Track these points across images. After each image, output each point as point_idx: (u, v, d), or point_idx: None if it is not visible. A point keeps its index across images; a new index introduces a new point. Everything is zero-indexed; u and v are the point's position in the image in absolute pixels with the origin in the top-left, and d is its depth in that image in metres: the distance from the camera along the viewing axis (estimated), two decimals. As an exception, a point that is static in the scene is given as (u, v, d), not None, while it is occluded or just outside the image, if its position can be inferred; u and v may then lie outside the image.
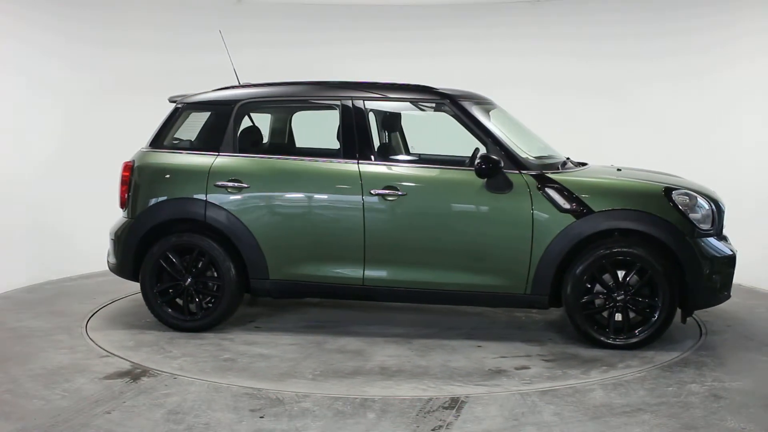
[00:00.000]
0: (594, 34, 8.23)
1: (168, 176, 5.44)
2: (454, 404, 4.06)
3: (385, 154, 5.70)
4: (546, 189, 4.99)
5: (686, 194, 5.00)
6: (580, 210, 4.94)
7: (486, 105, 5.65)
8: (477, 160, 5.00)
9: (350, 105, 5.33)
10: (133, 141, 5.88)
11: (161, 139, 5.62)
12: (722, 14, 7.69)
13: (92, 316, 5.81)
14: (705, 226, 4.98)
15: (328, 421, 3.84)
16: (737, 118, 7.59)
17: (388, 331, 5.45)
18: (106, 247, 5.75)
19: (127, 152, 5.77)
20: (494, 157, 4.99)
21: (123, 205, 5.61)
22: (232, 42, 6.17)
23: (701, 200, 5.02)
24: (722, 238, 5.17)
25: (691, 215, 4.95)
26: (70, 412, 3.93)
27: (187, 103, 5.68)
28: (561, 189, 4.99)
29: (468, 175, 5.07)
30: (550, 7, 8.43)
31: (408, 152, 6.37)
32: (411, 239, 5.15)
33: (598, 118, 8.22)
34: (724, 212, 5.22)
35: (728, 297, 5.16)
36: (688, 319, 5.23)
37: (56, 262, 7.28)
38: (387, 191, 5.13)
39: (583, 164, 5.63)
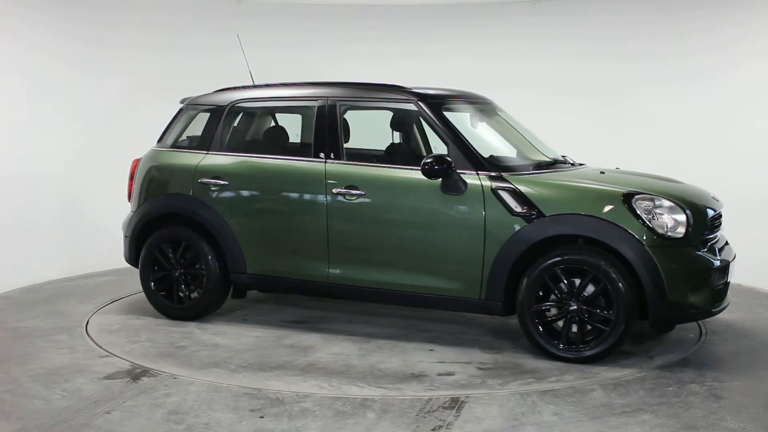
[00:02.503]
0: (594, 35, 8.21)
1: (164, 173, 5.75)
2: (454, 404, 4.06)
3: (394, 155, 5.67)
4: (499, 191, 4.78)
5: (651, 200, 4.59)
6: (531, 214, 4.70)
7: (482, 105, 5.64)
8: (426, 160, 4.84)
9: (325, 105, 5.34)
10: (154, 140, 6.07)
11: (165, 138, 5.95)
12: (723, 17, 7.70)
13: (92, 316, 5.81)
14: (675, 235, 4.55)
15: (328, 421, 3.84)
16: (738, 119, 7.58)
17: (359, 330, 5.43)
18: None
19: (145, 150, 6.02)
20: (446, 157, 4.85)
21: (130, 199, 5.98)
22: (234, 42, 6.19)
23: (672, 206, 4.59)
24: (707, 248, 4.72)
25: (656, 223, 4.53)
26: (70, 412, 3.93)
27: (188, 105, 5.96)
28: (514, 191, 4.75)
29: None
30: (550, 7, 8.42)
31: (430, 153, 6.21)
32: (368, 238, 5.15)
33: (598, 119, 8.20)
34: (709, 218, 4.76)
35: (709, 314, 4.70)
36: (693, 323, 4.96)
37: (64, 260, 7.35)
38: (347, 190, 5.14)
39: (582, 165, 5.56)
